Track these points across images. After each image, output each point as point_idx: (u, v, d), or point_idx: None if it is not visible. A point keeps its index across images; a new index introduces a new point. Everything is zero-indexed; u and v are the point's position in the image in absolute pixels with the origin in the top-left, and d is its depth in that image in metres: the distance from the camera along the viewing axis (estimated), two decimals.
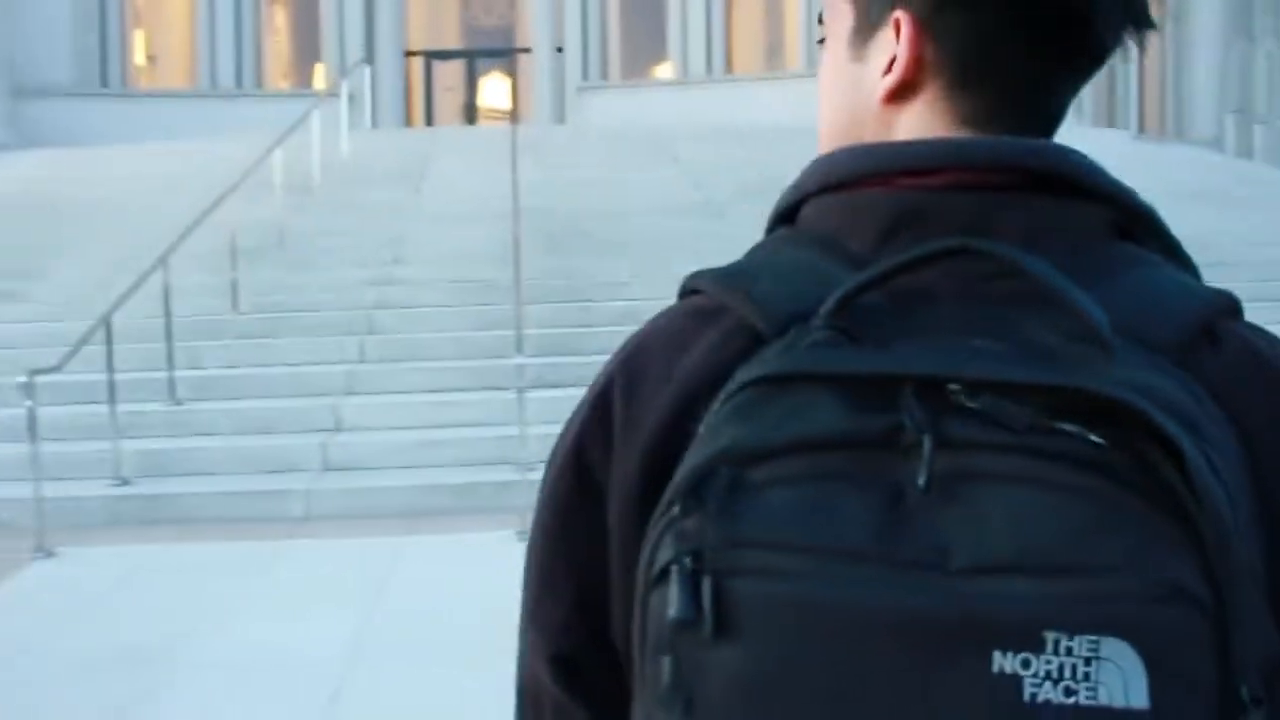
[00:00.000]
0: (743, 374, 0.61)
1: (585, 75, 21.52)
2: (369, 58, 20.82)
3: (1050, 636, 0.51)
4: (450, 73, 25.79)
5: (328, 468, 7.18)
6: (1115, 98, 21.03)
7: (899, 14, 0.72)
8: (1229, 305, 0.67)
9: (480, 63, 25.83)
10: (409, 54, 24.01)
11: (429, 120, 24.55)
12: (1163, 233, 0.70)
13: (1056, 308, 0.59)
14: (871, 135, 0.75)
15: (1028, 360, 0.58)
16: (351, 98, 15.45)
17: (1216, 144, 21.33)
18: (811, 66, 20.38)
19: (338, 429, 7.64)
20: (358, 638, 4.66)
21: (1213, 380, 0.61)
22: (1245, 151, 21.26)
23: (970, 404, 0.56)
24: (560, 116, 21.37)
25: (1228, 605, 0.53)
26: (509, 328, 7.74)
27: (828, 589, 0.54)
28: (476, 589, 5.22)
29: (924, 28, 0.71)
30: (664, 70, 22.68)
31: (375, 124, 19.59)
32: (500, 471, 6.88)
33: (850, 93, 0.78)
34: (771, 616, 0.55)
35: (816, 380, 0.59)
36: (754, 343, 0.65)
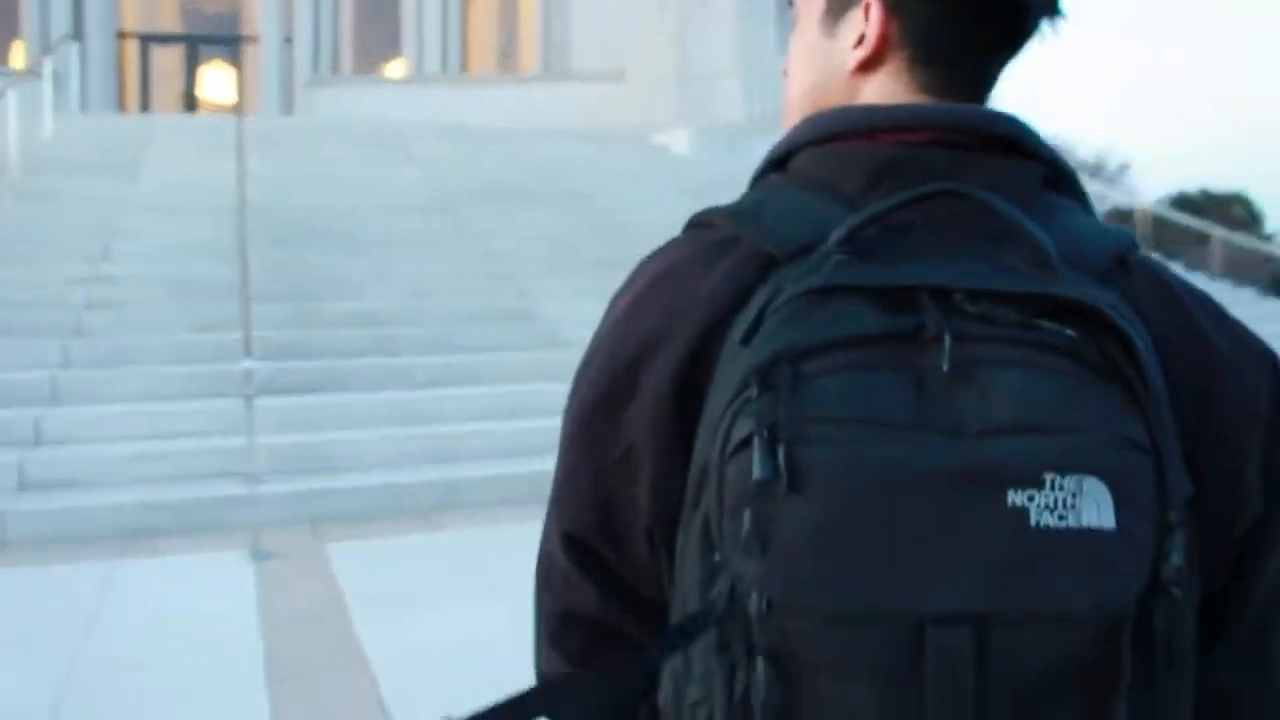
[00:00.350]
0: (786, 289, 0.73)
1: (315, 68, 20.58)
2: (76, 36, 19.17)
3: (1048, 477, 0.66)
4: (169, 58, 24.08)
5: (27, 486, 6.37)
6: None
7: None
8: (1131, 241, 0.84)
9: (202, 49, 24.26)
10: (122, 35, 22.29)
11: (145, 108, 22.86)
12: (1078, 187, 0.87)
13: (1015, 240, 0.74)
14: (838, 100, 0.90)
15: (1008, 276, 0.73)
16: (56, 78, 14.11)
17: None
18: (546, 70, 20.36)
19: (38, 443, 6.81)
20: (65, 679, 4.10)
21: (1128, 296, 0.77)
22: None
23: (970, 308, 0.71)
24: (288, 109, 20.35)
25: (1162, 455, 0.69)
26: (235, 330, 7.17)
27: (875, 451, 0.67)
28: (203, 618, 4.74)
29: (891, 11, 0.87)
30: (397, 67, 22.01)
31: (84, 108, 18.06)
32: (227, 485, 6.34)
33: (822, 64, 0.93)
34: (832, 474, 0.67)
35: (852, 291, 0.72)
36: (768, 265, 0.79)
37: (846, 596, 0.66)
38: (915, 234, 0.77)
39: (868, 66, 0.89)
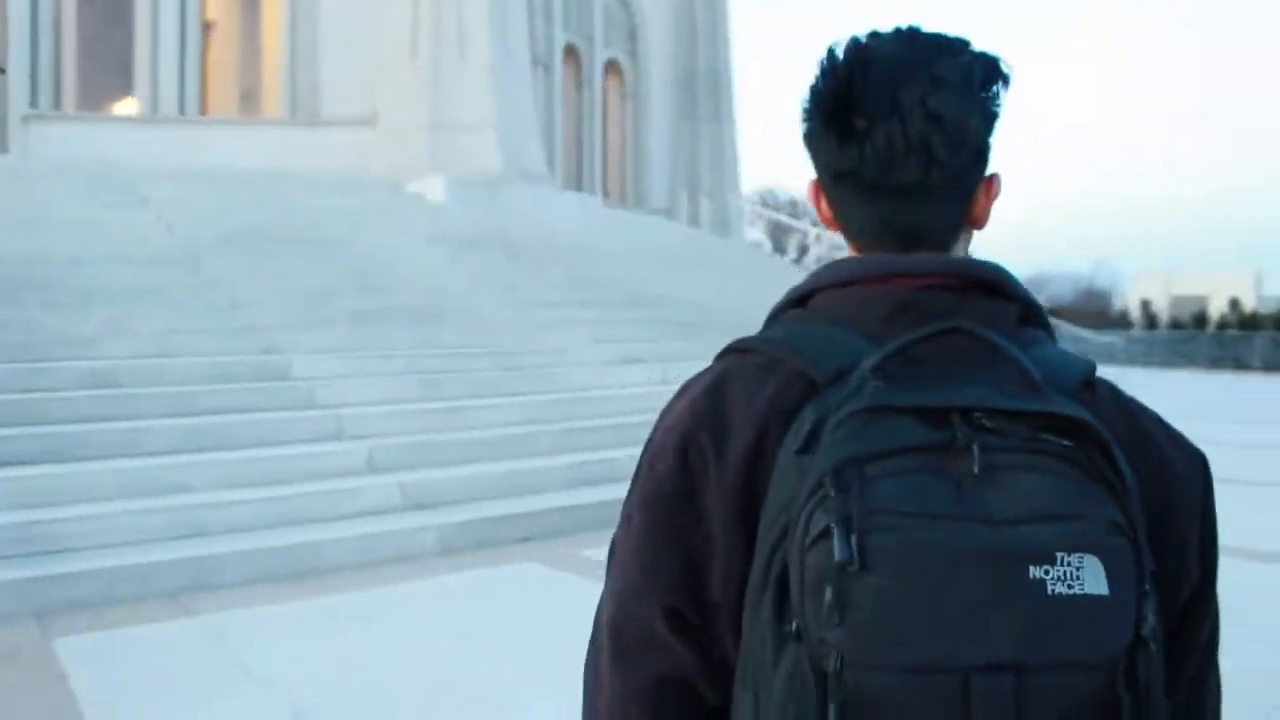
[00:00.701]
0: (837, 408, 0.91)
1: (34, 102, 18.93)
2: None
3: (1059, 555, 0.85)
4: None
5: None
6: (582, 167, 22.10)
7: (813, 177, 1.14)
8: (1093, 367, 1.04)
9: None
10: None
11: None
12: (1046, 321, 1.08)
13: (1006, 367, 0.95)
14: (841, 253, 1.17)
15: (1014, 397, 0.92)
16: None
17: (670, 213, 23.18)
18: (293, 114, 19.51)
19: None
20: None
21: (1096, 413, 0.94)
22: (694, 220, 23.33)
23: (989, 424, 0.89)
24: (2, 146, 18.63)
25: (1137, 537, 0.88)
26: None
27: (928, 536, 0.85)
28: None
29: (822, 194, 1.13)
30: (128, 105, 20.56)
31: None
32: None
33: None
34: (896, 556, 0.84)
35: (897, 410, 0.90)
36: (810, 388, 0.98)
37: (912, 652, 0.83)
38: (929, 363, 0.95)
39: (834, 227, 1.14)
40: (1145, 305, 49.15)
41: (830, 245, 28.97)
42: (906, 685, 0.83)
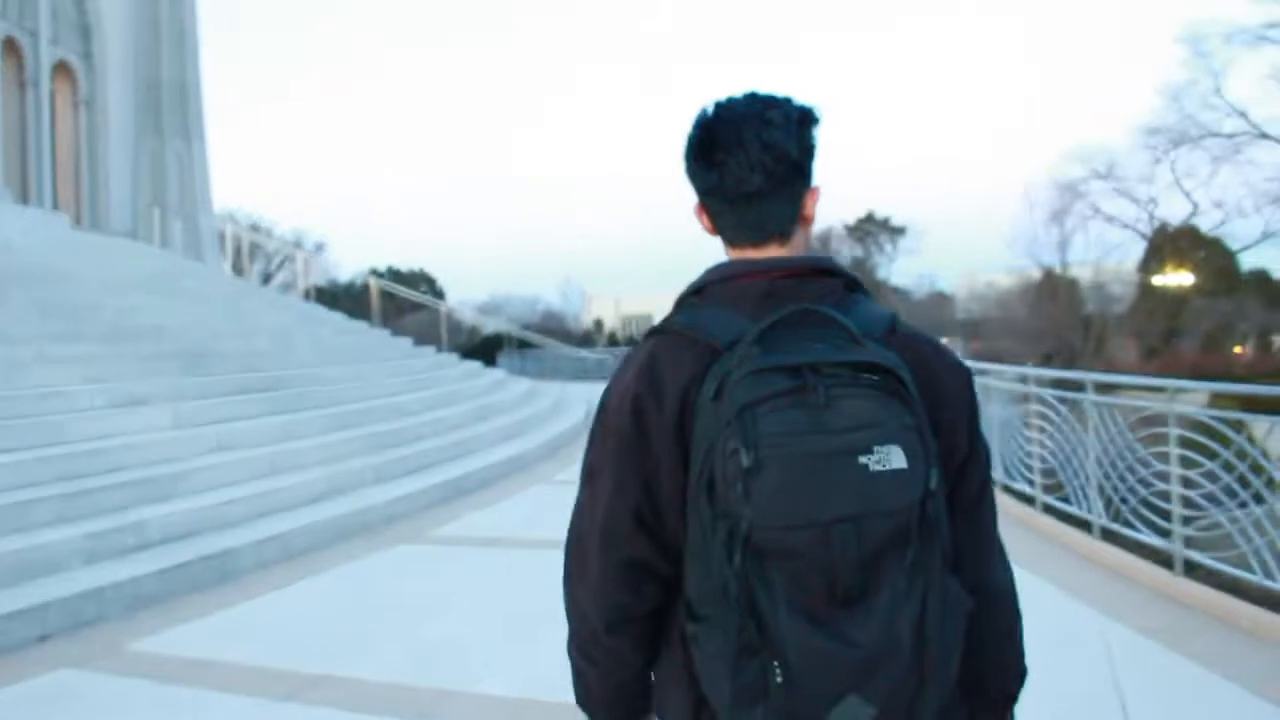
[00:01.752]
0: (737, 367, 1.40)
1: None
2: None
3: (875, 447, 1.33)
4: None
5: None
6: (28, 181, 18.76)
7: (695, 201, 1.66)
8: (894, 316, 1.56)
9: None
10: None
11: None
12: (862, 286, 1.59)
13: (835, 329, 1.43)
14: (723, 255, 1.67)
15: (843, 350, 1.39)
16: None
17: (136, 234, 20.47)
18: None
19: None
20: None
21: (898, 349, 1.47)
22: (167, 242, 20.80)
23: (827, 371, 1.36)
24: None
25: (922, 431, 1.38)
26: None
27: (796, 447, 1.32)
28: None
29: (701, 208, 1.64)
30: None
31: None
32: None
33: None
34: (777, 460, 1.32)
35: (771, 370, 1.37)
36: (715, 354, 1.46)
37: (791, 515, 1.32)
38: (790, 332, 1.42)
39: (714, 233, 1.65)
40: (599, 324, 52.65)
41: (302, 272, 27.45)
42: (788, 536, 1.33)
